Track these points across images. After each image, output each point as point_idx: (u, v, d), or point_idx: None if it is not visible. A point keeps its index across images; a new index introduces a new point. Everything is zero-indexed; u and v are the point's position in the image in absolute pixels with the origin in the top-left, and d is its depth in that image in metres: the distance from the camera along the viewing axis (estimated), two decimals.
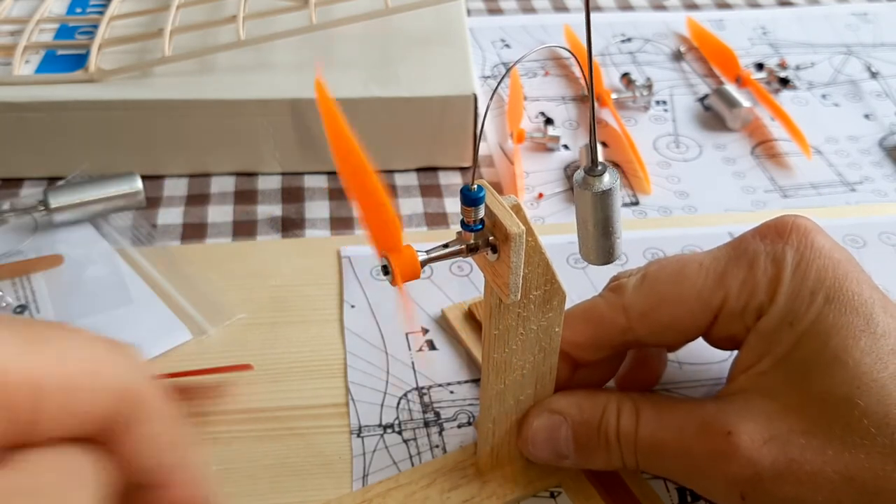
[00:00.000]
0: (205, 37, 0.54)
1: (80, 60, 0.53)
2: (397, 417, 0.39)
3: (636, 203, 0.52)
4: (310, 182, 0.53)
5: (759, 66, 0.63)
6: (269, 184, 0.53)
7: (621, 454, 0.33)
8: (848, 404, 0.30)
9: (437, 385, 0.41)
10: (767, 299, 0.32)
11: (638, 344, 0.35)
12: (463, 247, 0.29)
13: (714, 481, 0.32)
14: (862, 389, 0.30)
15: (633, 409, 0.33)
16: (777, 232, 0.33)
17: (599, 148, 0.56)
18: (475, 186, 0.27)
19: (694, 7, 0.73)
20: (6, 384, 0.18)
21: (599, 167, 0.28)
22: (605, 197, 0.29)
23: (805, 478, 0.30)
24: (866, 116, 0.60)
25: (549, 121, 0.58)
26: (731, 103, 0.58)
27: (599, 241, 0.30)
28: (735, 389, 0.33)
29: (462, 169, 0.55)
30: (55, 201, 0.47)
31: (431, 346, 0.43)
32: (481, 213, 0.27)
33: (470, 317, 0.43)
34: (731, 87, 0.59)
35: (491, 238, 0.28)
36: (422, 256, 0.28)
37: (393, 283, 0.28)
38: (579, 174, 0.29)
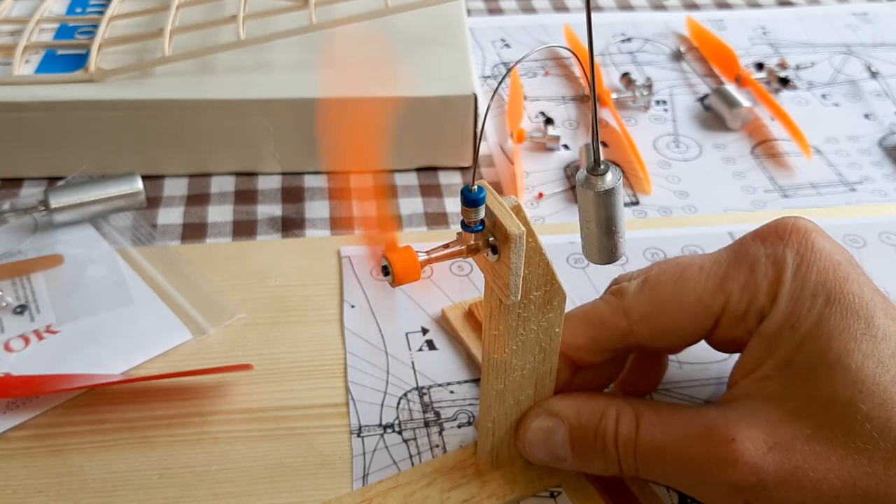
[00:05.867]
0: (205, 37, 0.54)
1: (80, 60, 0.53)
2: (397, 417, 0.39)
3: (636, 203, 0.52)
4: (310, 182, 0.53)
5: (759, 66, 0.63)
6: (269, 184, 0.53)
7: (619, 460, 0.33)
8: (850, 409, 0.30)
9: (437, 385, 0.41)
10: (769, 302, 0.32)
11: (639, 347, 0.35)
12: (463, 247, 0.29)
13: (717, 488, 0.31)
14: (864, 394, 0.30)
15: (633, 414, 0.33)
16: (777, 234, 0.33)
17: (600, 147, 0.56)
18: (475, 187, 0.27)
19: (694, 7, 0.73)
20: None
21: (602, 166, 0.28)
22: (607, 196, 0.29)
23: (809, 484, 0.30)
24: (866, 116, 0.60)
25: (549, 121, 0.58)
26: (731, 103, 0.58)
27: (602, 241, 0.30)
28: (737, 395, 0.32)
29: (462, 169, 0.55)
30: (55, 201, 0.47)
31: (431, 345, 0.43)
32: (482, 213, 0.27)
33: (470, 317, 0.43)
34: (731, 87, 0.59)
35: (491, 239, 0.28)
36: (422, 257, 0.28)
37: (393, 284, 0.28)
38: (582, 173, 0.29)
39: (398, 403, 0.40)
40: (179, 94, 0.51)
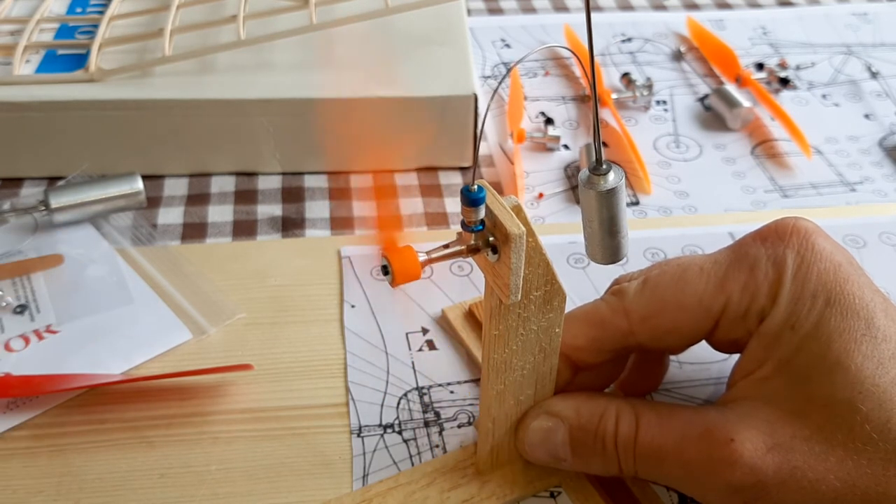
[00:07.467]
0: (205, 37, 0.54)
1: (80, 60, 0.53)
2: (397, 417, 0.39)
3: (636, 203, 0.52)
4: (310, 182, 0.53)
5: (760, 66, 0.63)
6: (269, 184, 0.53)
7: (618, 460, 0.33)
8: (850, 410, 0.30)
9: (437, 385, 0.41)
10: (769, 303, 0.32)
11: (639, 348, 0.35)
12: (463, 247, 0.29)
13: (716, 489, 0.31)
14: (864, 395, 0.30)
15: (633, 415, 0.33)
16: (778, 235, 0.33)
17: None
18: (476, 187, 0.27)
19: (694, 7, 0.73)
20: None
21: (604, 166, 0.28)
22: (610, 196, 0.29)
23: (808, 485, 0.30)
24: (866, 116, 0.60)
25: (549, 121, 0.58)
26: (732, 103, 0.58)
27: (605, 241, 0.30)
28: (737, 395, 0.32)
29: (462, 169, 0.55)
30: (55, 201, 0.47)
31: (431, 345, 0.43)
32: (482, 213, 0.27)
33: (470, 317, 0.43)
34: (731, 87, 0.59)
35: (491, 239, 0.28)
36: (422, 257, 0.28)
37: (393, 283, 0.28)
38: (584, 173, 0.29)
39: (398, 403, 0.40)
40: (179, 94, 0.51)
